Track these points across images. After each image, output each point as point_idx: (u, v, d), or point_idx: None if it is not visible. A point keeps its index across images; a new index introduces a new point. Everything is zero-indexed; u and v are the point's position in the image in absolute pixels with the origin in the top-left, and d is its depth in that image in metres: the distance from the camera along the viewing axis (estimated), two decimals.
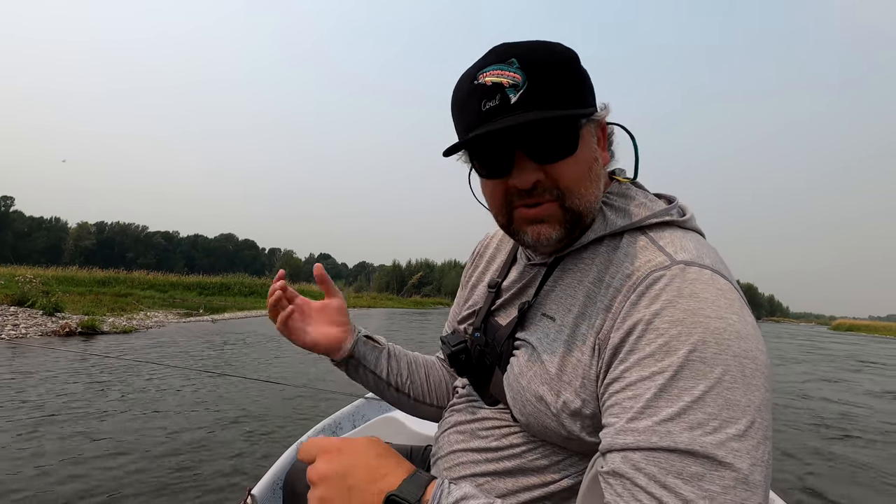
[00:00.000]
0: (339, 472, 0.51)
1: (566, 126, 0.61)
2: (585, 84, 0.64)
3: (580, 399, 0.60)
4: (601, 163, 0.67)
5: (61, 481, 2.73)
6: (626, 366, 0.54)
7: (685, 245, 0.60)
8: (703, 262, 0.57)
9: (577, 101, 0.62)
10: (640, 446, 0.49)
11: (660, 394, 0.50)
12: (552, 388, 0.62)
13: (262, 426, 3.98)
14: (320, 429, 1.86)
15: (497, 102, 0.59)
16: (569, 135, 0.62)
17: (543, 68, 0.60)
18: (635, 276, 0.58)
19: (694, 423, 0.48)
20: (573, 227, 0.65)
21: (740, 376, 0.49)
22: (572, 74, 0.62)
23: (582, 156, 0.63)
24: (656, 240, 0.62)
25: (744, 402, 0.49)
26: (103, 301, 14.67)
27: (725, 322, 0.52)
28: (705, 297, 0.53)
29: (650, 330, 0.54)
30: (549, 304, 0.69)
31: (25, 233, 71.61)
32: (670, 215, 0.65)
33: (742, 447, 0.47)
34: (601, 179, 0.67)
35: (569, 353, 0.62)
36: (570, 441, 0.63)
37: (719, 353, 0.50)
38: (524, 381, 0.66)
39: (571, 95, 0.61)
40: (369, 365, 0.90)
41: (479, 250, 0.93)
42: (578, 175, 0.63)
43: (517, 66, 0.59)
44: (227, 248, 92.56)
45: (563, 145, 0.62)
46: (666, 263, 0.57)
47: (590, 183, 0.64)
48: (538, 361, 0.65)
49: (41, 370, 5.59)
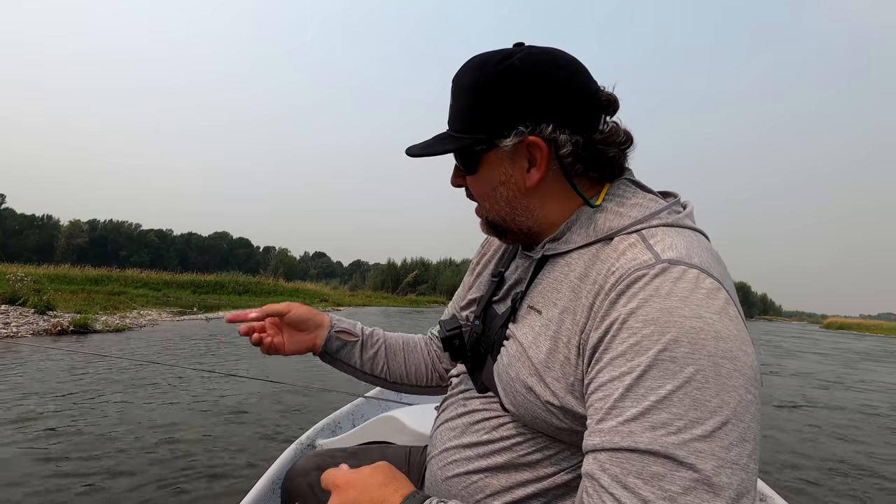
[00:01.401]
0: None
1: (461, 151, 0.69)
2: (498, 110, 0.65)
3: (571, 396, 0.60)
4: (512, 185, 0.69)
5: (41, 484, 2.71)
6: (600, 366, 0.55)
7: (675, 244, 0.58)
8: (690, 261, 0.56)
9: (479, 128, 0.66)
10: (605, 447, 0.50)
11: (626, 394, 0.51)
12: (540, 380, 0.63)
13: (261, 426, 3.96)
14: (319, 428, 1.86)
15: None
16: (466, 158, 0.70)
17: (455, 93, 0.69)
18: (618, 274, 0.58)
19: (657, 423, 0.48)
20: (496, 229, 0.74)
21: (713, 376, 0.48)
22: (480, 101, 0.66)
23: (483, 177, 0.70)
24: (647, 238, 0.60)
25: (714, 403, 0.48)
26: (96, 299, 14.53)
27: (703, 321, 0.51)
28: (683, 296, 0.52)
29: (623, 329, 0.53)
30: (535, 297, 0.69)
31: (16, 230, 70.87)
32: (660, 217, 0.63)
33: (707, 448, 0.46)
34: (516, 200, 0.70)
35: (555, 349, 0.62)
36: (561, 432, 0.63)
37: (692, 352, 0.49)
38: (512, 372, 0.66)
39: (473, 122, 0.67)
40: (342, 358, 0.96)
41: (488, 237, 0.94)
42: (481, 192, 0.72)
43: (452, 90, 0.69)
44: (221, 247, 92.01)
45: (465, 165, 0.71)
46: (650, 262, 0.56)
47: (495, 200, 0.71)
48: (524, 354, 0.66)
49: (27, 369, 5.53)
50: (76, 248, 70.20)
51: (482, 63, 0.66)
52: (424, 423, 1.57)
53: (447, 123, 0.71)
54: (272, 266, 60.66)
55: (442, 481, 0.72)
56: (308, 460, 0.98)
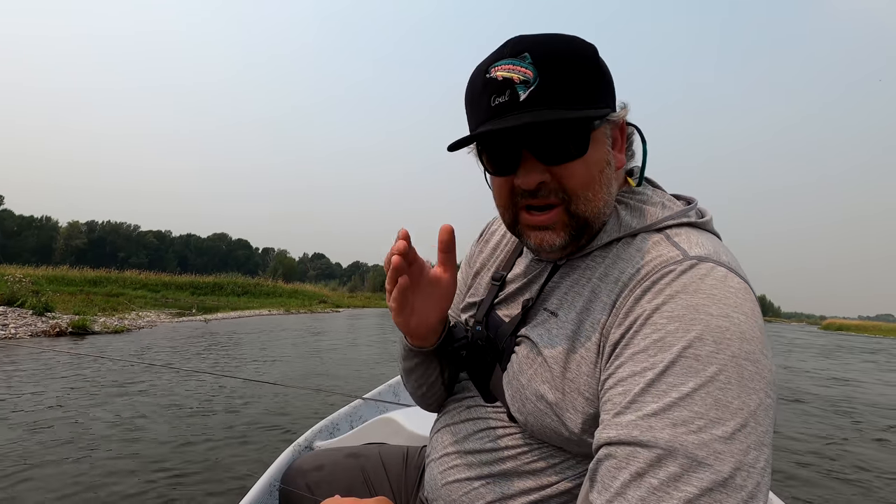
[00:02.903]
0: None
1: (576, 127, 0.59)
2: (602, 82, 0.60)
3: (583, 398, 0.58)
4: (614, 166, 0.64)
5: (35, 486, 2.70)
6: (620, 361, 0.53)
7: (702, 242, 0.57)
8: (718, 259, 0.55)
9: (591, 101, 0.59)
10: (623, 440, 0.48)
11: (647, 388, 0.49)
12: (554, 385, 0.60)
13: (259, 427, 3.94)
14: (317, 430, 1.85)
15: (506, 99, 0.58)
16: (578, 136, 0.59)
17: (556, 64, 0.57)
18: (644, 271, 0.56)
19: (678, 421, 0.46)
20: (579, 233, 0.63)
21: (736, 378, 0.47)
22: (588, 72, 0.59)
23: (592, 158, 0.61)
24: (671, 236, 0.59)
25: (736, 404, 0.46)
26: (94, 301, 14.54)
27: (729, 321, 0.50)
28: (712, 294, 0.51)
29: (647, 325, 0.52)
30: (552, 300, 0.66)
31: (15, 232, 70.79)
32: (688, 217, 0.62)
33: (727, 449, 0.45)
34: (613, 183, 0.64)
35: (572, 350, 0.60)
36: (570, 442, 0.61)
37: (716, 351, 0.48)
38: (524, 379, 0.64)
39: (585, 95, 0.58)
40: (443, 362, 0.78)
41: (486, 234, 0.89)
42: (586, 179, 0.61)
43: (529, 62, 0.57)
44: (219, 248, 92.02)
45: (572, 147, 0.59)
46: (678, 258, 0.55)
47: (599, 187, 0.62)
48: (539, 359, 0.63)
49: (21, 371, 5.52)
50: (75, 249, 70.17)
51: (571, 38, 0.61)
52: (422, 424, 1.57)
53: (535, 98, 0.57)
54: (271, 267, 60.69)
55: (441, 485, 0.71)
56: (306, 460, 0.95)
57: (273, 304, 22.45)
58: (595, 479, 0.50)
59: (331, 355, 8.30)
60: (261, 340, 9.58)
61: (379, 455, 0.94)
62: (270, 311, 19.08)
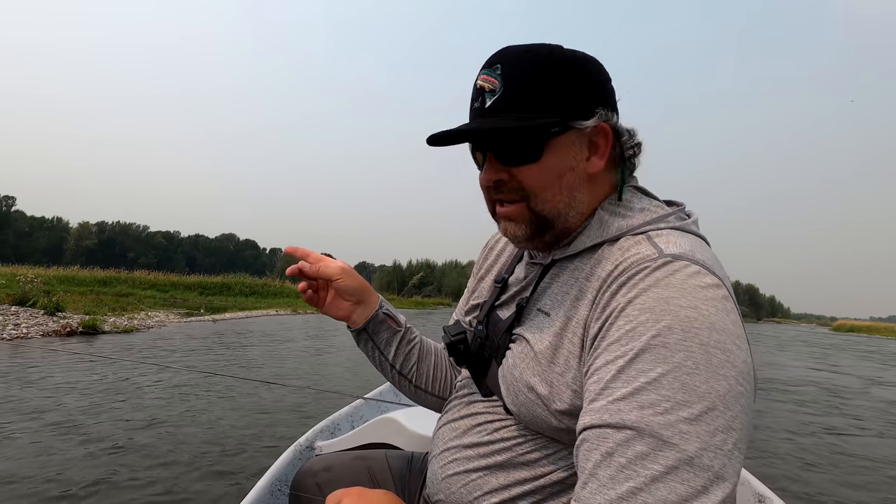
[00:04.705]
0: None
1: (528, 134, 0.64)
2: (572, 91, 0.64)
3: (571, 390, 0.61)
4: (579, 172, 0.67)
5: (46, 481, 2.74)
6: (597, 353, 0.56)
7: (679, 242, 0.60)
8: (692, 258, 0.57)
9: (550, 110, 0.63)
10: (594, 424, 0.51)
11: (617, 375, 0.52)
12: (543, 378, 0.64)
13: (260, 426, 3.97)
14: (319, 430, 1.86)
15: (478, 104, 0.66)
16: (532, 143, 0.64)
17: (520, 76, 0.63)
18: (621, 268, 0.59)
19: (645, 403, 0.49)
20: (540, 228, 0.68)
21: (704, 364, 0.49)
22: (552, 82, 0.63)
23: (548, 164, 0.65)
24: (652, 237, 0.62)
25: (703, 388, 0.48)
26: (104, 301, 14.67)
27: (698, 312, 0.52)
28: (682, 288, 0.54)
29: (621, 317, 0.55)
30: (544, 300, 0.70)
31: (27, 232, 71.68)
32: (668, 220, 0.65)
33: (693, 430, 0.47)
34: (578, 189, 0.67)
35: (559, 345, 0.63)
36: (560, 432, 0.64)
37: (684, 339, 0.50)
38: (517, 373, 0.68)
39: (544, 104, 0.63)
40: (379, 343, 0.89)
41: (490, 243, 0.95)
42: (542, 181, 0.66)
43: (499, 73, 0.64)
44: (227, 249, 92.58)
45: (525, 152, 0.65)
46: (654, 256, 0.58)
47: (558, 189, 0.66)
48: (530, 353, 0.67)
49: (40, 371, 5.60)
50: (85, 249, 70.89)
51: (549, 49, 0.65)
52: (423, 424, 1.57)
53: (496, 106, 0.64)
54: (279, 268, 60.94)
55: (441, 479, 0.74)
56: (316, 461, 1.00)
57: (280, 304, 22.54)
58: (577, 465, 0.53)
59: (336, 356, 8.35)
60: (265, 340, 9.63)
61: (385, 458, 0.99)
62: (278, 311, 19.17)
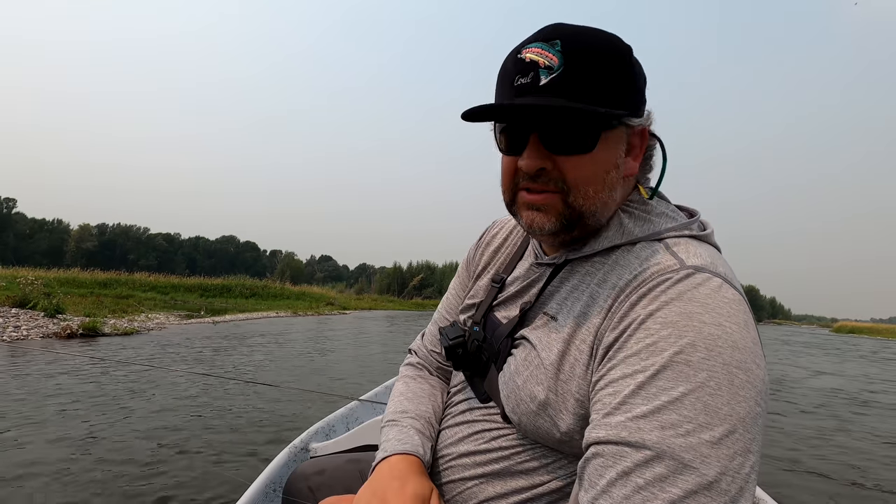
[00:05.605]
0: None
1: (587, 122, 0.59)
2: (630, 85, 0.61)
3: (574, 399, 0.59)
4: (622, 171, 0.64)
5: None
6: (613, 363, 0.54)
7: (700, 252, 0.58)
8: (714, 270, 0.56)
9: (612, 101, 0.59)
10: (612, 440, 0.49)
11: (637, 391, 0.50)
12: (548, 387, 0.61)
13: (256, 428, 3.96)
14: (314, 431, 1.84)
15: (528, 80, 0.58)
16: (588, 132, 0.60)
17: (584, 57, 0.57)
18: (641, 278, 0.57)
19: (666, 423, 0.47)
20: (571, 223, 0.63)
21: (726, 384, 0.48)
22: (616, 71, 0.59)
23: (598, 157, 0.61)
24: (671, 246, 0.61)
25: (725, 411, 0.47)
26: (105, 303, 14.67)
27: (722, 329, 0.50)
28: (706, 303, 0.52)
29: (641, 329, 0.53)
30: (552, 304, 0.67)
31: (27, 234, 71.70)
32: (690, 229, 0.63)
33: (713, 454, 0.46)
34: (617, 188, 0.64)
35: (567, 352, 0.61)
36: (562, 443, 0.62)
37: (707, 358, 0.49)
38: (519, 381, 0.65)
39: (606, 93, 0.58)
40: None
41: (486, 238, 0.90)
42: (588, 175, 0.61)
43: (558, 49, 0.58)
44: (228, 250, 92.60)
45: (579, 141, 0.60)
46: (675, 266, 0.56)
47: (600, 187, 0.62)
48: (535, 360, 0.64)
49: (34, 374, 5.58)
50: (85, 251, 70.91)
51: (609, 35, 0.60)
52: None
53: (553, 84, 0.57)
54: (279, 269, 61.01)
55: (436, 485, 0.72)
56: (309, 465, 0.97)
57: (281, 306, 22.55)
58: (583, 476, 0.52)
59: (336, 356, 8.34)
60: (264, 342, 9.62)
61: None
62: (278, 313, 19.17)
